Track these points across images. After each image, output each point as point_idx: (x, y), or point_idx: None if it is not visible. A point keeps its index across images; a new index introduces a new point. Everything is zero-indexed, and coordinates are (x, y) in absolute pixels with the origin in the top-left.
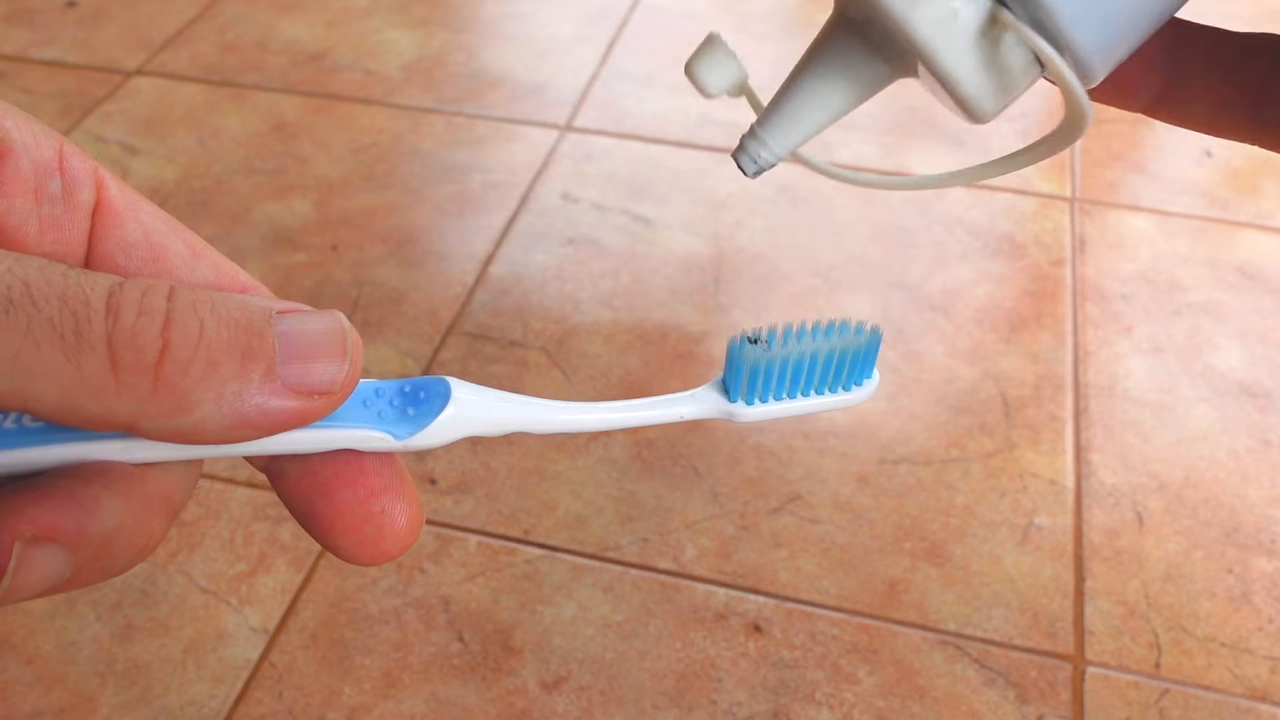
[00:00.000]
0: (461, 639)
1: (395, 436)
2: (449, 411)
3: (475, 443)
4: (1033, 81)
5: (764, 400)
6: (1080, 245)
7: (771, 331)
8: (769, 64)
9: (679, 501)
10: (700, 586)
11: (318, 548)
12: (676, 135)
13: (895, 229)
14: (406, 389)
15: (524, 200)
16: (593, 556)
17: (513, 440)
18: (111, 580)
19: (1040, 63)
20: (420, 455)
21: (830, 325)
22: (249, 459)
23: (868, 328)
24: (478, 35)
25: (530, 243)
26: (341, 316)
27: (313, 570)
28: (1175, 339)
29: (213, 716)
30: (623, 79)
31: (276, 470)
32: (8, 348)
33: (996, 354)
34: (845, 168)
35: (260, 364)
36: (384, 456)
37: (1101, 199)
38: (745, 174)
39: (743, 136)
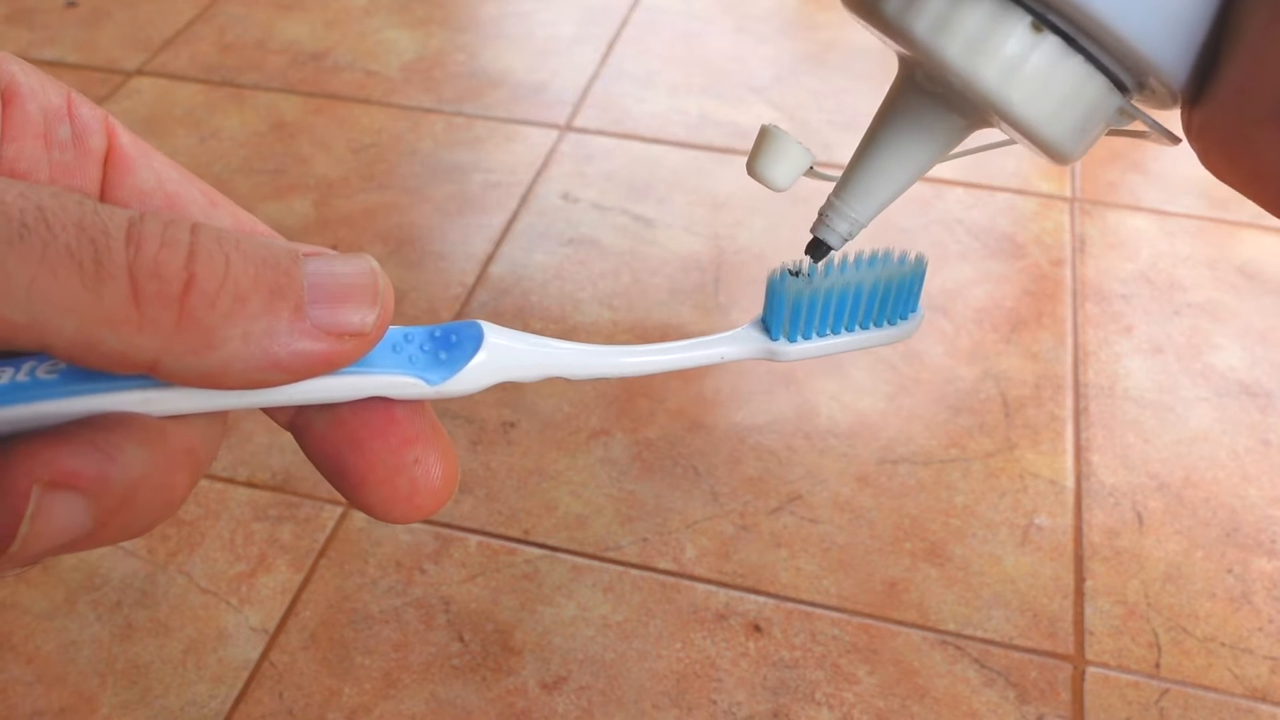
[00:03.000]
0: (461, 639)
1: (428, 382)
2: (482, 356)
3: (475, 442)
4: (1112, 114)
5: (807, 337)
6: (1080, 245)
7: (813, 264)
8: (769, 64)
9: (679, 501)
10: (700, 586)
11: (318, 547)
12: (676, 135)
13: (895, 229)
14: (437, 334)
15: (524, 200)
16: (593, 556)
17: (513, 440)
18: (111, 580)
19: (1118, 88)
20: None
21: (873, 256)
22: (271, 414)
23: (911, 258)
24: (478, 35)
25: (530, 243)
26: (371, 259)
27: (313, 570)
28: (1175, 339)
29: (213, 716)
30: (623, 79)
31: (303, 424)
32: (23, 275)
33: (996, 354)
34: (845, 168)
35: (289, 303)
36: (415, 405)
37: (1102, 199)
38: (832, 247)
39: (821, 210)
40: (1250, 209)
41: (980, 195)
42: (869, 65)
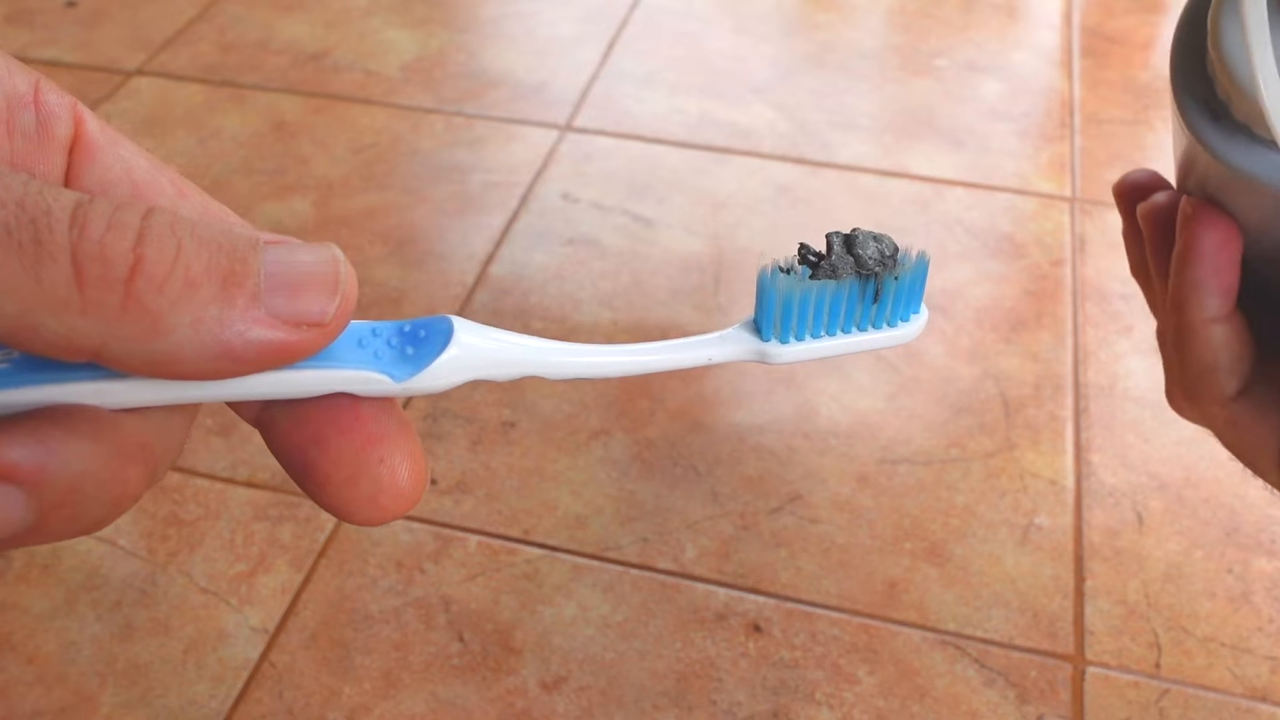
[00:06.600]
0: (461, 639)
1: (393, 378)
2: (451, 351)
3: (475, 442)
4: None
5: (800, 338)
6: (1080, 245)
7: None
8: (769, 64)
9: (679, 501)
10: (700, 586)
11: (318, 547)
12: (676, 135)
13: (895, 229)
14: (406, 328)
15: (524, 200)
16: (593, 556)
17: (513, 440)
18: (111, 580)
19: None
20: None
21: None
22: (238, 410)
23: (914, 254)
24: (478, 35)
25: (530, 243)
26: (335, 248)
27: (313, 570)
28: None
29: (213, 716)
30: (623, 79)
31: (268, 420)
32: None
33: (996, 354)
34: (844, 169)
35: (244, 290)
36: (383, 403)
37: (1102, 199)
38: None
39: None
40: None
41: (980, 195)
42: (869, 65)
